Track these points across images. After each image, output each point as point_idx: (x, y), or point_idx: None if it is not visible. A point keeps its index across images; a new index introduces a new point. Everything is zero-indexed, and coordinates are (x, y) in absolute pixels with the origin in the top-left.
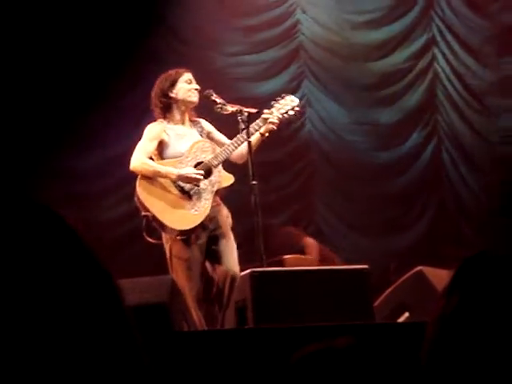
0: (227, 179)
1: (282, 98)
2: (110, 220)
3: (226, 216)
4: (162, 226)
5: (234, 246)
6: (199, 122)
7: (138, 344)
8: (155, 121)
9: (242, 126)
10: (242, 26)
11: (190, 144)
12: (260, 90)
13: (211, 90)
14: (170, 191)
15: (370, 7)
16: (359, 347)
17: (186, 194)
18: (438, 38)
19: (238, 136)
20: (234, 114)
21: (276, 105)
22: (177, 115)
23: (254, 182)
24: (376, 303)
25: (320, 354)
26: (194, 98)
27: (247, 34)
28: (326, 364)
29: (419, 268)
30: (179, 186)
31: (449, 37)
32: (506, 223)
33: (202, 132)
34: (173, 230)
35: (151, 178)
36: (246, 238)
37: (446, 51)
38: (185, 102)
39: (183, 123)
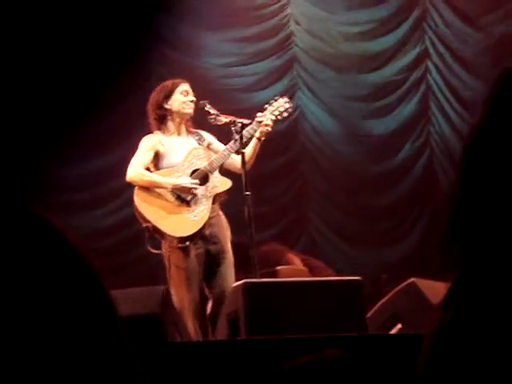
0: (224, 184)
1: (275, 100)
2: (103, 229)
3: (225, 228)
4: (162, 235)
5: (232, 262)
6: (198, 133)
7: (130, 354)
8: (150, 132)
9: (236, 136)
10: (236, 37)
11: (185, 153)
12: (253, 100)
13: (206, 101)
14: (167, 200)
15: (363, 19)
16: (349, 359)
17: (184, 202)
18: (431, 51)
19: (231, 143)
20: (227, 125)
21: (269, 107)
22: (172, 126)
23: (247, 193)
24: (368, 314)
25: (309, 366)
26: (189, 109)
27: (241, 45)
28: (315, 375)
29: (412, 279)
30: (176, 194)
31: (442, 49)
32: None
33: (200, 142)
34: (172, 237)
35: (148, 188)
36: (238, 249)
37: (439, 63)
38: (179, 114)
39: (179, 134)
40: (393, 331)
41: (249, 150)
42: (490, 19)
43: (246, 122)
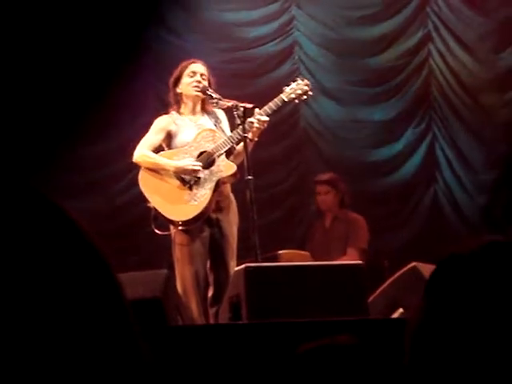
0: (229, 168)
1: (294, 81)
2: (111, 210)
3: (234, 214)
4: (164, 217)
5: (235, 250)
6: (215, 112)
7: (137, 337)
8: (167, 112)
9: (238, 121)
10: (236, 22)
11: (195, 133)
12: (254, 86)
13: (207, 86)
14: (169, 182)
15: (365, 3)
16: (360, 345)
17: (187, 185)
18: (434, 35)
19: (238, 129)
20: (229, 109)
21: (287, 90)
22: (186, 108)
23: (249, 177)
24: (370, 299)
25: (322, 351)
26: (195, 91)
27: (241, 29)
28: (327, 360)
29: (413, 264)
30: (180, 177)
31: (444, 33)
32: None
33: (216, 122)
34: (172, 220)
35: (152, 170)
36: (240, 234)
37: (442, 48)
38: (189, 97)
39: (194, 114)
40: (394, 315)
41: (237, 151)
42: (494, 3)
43: (249, 106)
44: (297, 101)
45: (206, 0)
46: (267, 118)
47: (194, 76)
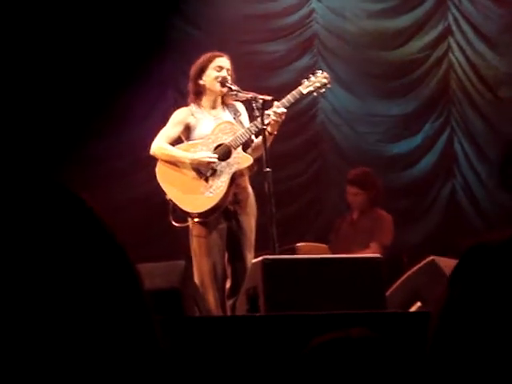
0: (245, 160)
1: (313, 73)
2: (129, 201)
3: (252, 206)
4: (181, 209)
5: (253, 241)
6: (234, 106)
7: (155, 327)
8: (186, 104)
9: (257, 113)
10: (256, 14)
11: (214, 125)
12: (273, 79)
13: (226, 77)
14: (186, 175)
15: None
16: (375, 338)
17: (203, 177)
18: (454, 28)
19: (256, 121)
20: (248, 101)
21: (305, 82)
22: (206, 101)
23: (267, 169)
24: (388, 292)
25: (335, 344)
26: (219, 87)
27: (261, 22)
28: (340, 353)
29: (432, 257)
30: (196, 169)
31: (465, 26)
32: None
33: (235, 115)
34: (188, 212)
35: (169, 163)
36: (258, 227)
37: (462, 41)
38: (212, 90)
39: (214, 108)
40: (412, 309)
41: (256, 144)
42: None
43: (268, 98)
44: (315, 94)
45: None
46: (284, 110)
47: (220, 71)
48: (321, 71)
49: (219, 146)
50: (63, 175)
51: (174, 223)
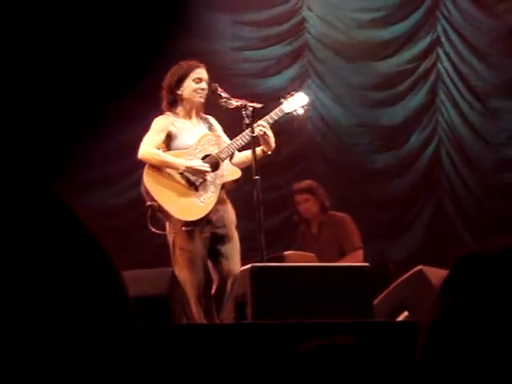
0: (234, 173)
1: (291, 95)
2: (113, 208)
3: (231, 214)
4: (168, 216)
5: (238, 247)
6: (208, 120)
7: (140, 334)
8: (162, 113)
9: (247, 120)
10: (247, 21)
11: (197, 137)
12: (262, 87)
13: (216, 84)
14: (176, 181)
15: (376, 6)
16: (358, 346)
17: (193, 186)
18: (443, 39)
19: (244, 133)
20: (238, 109)
21: (285, 103)
22: (182, 111)
23: (256, 177)
24: (376, 301)
25: (319, 351)
26: (199, 98)
27: (252, 29)
28: (325, 360)
29: (419, 267)
30: (186, 177)
31: (454, 37)
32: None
33: (210, 128)
34: (178, 220)
35: (158, 168)
36: (246, 235)
37: (451, 52)
38: (190, 101)
39: (190, 118)
40: (399, 318)
41: (244, 155)
42: (505, 7)
43: (257, 106)
44: (294, 113)
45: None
46: (265, 128)
47: (200, 83)
48: (300, 92)
49: (206, 156)
50: (53, 179)
51: (152, 229)
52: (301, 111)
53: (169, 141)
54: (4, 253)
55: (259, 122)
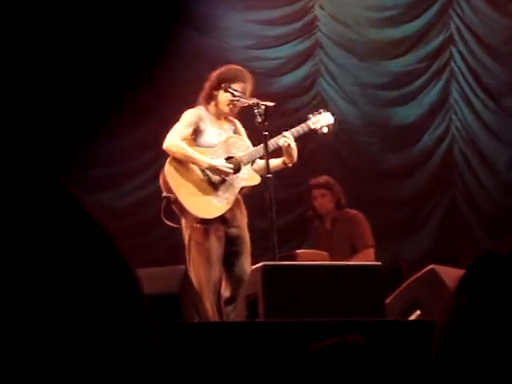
0: (253, 179)
1: (319, 113)
2: (122, 208)
3: (244, 214)
4: (182, 210)
5: (249, 247)
6: (234, 122)
7: (154, 333)
8: (192, 106)
9: (259, 119)
10: (259, 20)
11: (224, 137)
12: (274, 85)
13: (228, 83)
14: (197, 178)
15: (388, 4)
16: (371, 344)
17: (212, 185)
18: (456, 37)
19: (272, 140)
20: (250, 107)
21: (312, 119)
22: (214, 109)
23: (268, 176)
24: (388, 300)
25: (332, 349)
26: (228, 110)
27: (264, 28)
28: (337, 359)
29: (432, 266)
30: (207, 175)
31: (467, 36)
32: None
33: (234, 131)
34: (192, 215)
35: (181, 162)
36: (258, 234)
37: (464, 50)
38: (219, 108)
39: (218, 119)
40: (411, 317)
41: (264, 164)
42: None
43: (270, 104)
44: (319, 132)
45: None
46: (290, 142)
47: (234, 96)
48: (328, 112)
49: (229, 158)
50: (65, 177)
51: (166, 221)
52: (325, 130)
53: (196, 135)
54: (19, 251)
55: (284, 134)
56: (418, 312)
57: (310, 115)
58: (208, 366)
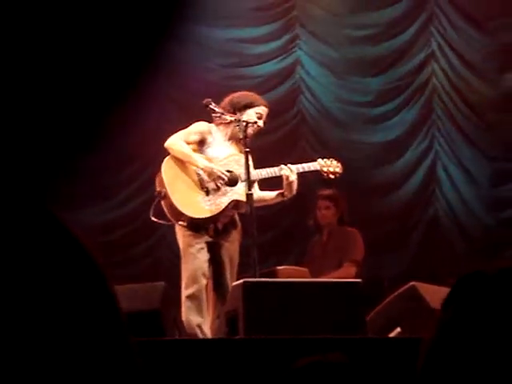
0: (244, 195)
1: (330, 159)
2: (107, 223)
3: (239, 235)
4: (170, 205)
5: (235, 268)
6: (246, 152)
7: (132, 349)
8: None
9: (240, 135)
10: (240, 38)
11: (227, 153)
12: None
13: (210, 99)
14: (192, 179)
15: (368, 22)
16: (350, 364)
17: (205, 188)
18: (438, 54)
19: (272, 168)
20: (232, 123)
21: (320, 161)
22: (224, 129)
23: (250, 192)
24: (368, 317)
25: (312, 368)
26: (251, 130)
27: (245, 46)
28: (317, 378)
29: (412, 283)
30: (201, 178)
31: (449, 53)
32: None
33: (239, 151)
34: (179, 212)
35: (179, 161)
36: (240, 250)
37: (446, 67)
38: (235, 128)
39: (229, 139)
40: (392, 334)
41: (263, 195)
42: (499, 23)
43: (251, 120)
44: (325, 176)
45: (213, 15)
46: (294, 177)
47: (260, 118)
48: (339, 163)
49: (229, 171)
50: (50, 192)
51: (153, 219)
52: (332, 176)
53: (201, 147)
54: None
55: (289, 166)
56: (399, 329)
57: (319, 159)
58: (188, 382)
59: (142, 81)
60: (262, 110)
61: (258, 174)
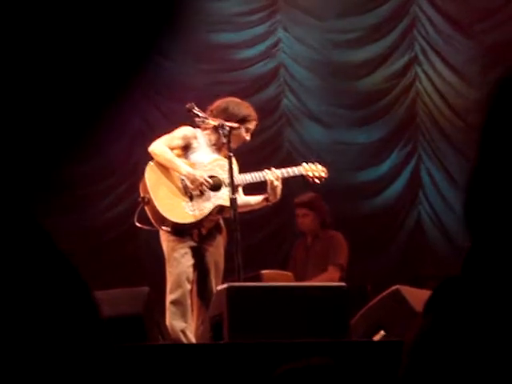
0: (228, 201)
1: (314, 163)
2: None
3: (224, 240)
4: (154, 211)
5: (222, 270)
6: (230, 157)
7: (113, 354)
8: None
9: (224, 140)
10: (222, 44)
11: (211, 158)
12: None
13: (193, 104)
14: (175, 184)
15: (352, 26)
16: (335, 367)
17: (188, 194)
18: (421, 58)
19: (257, 173)
20: (215, 128)
21: (305, 165)
22: (211, 136)
23: (233, 196)
24: (352, 321)
25: (297, 372)
26: (237, 143)
27: (227, 51)
28: (302, 382)
29: (396, 287)
30: (185, 184)
31: (432, 56)
32: None
33: (224, 157)
34: (162, 217)
35: (163, 166)
36: (224, 255)
37: (429, 70)
38: (231, 137)
39: (214, 145)
40: (376, 338)
41: (247, 200)
42: (482, 27)
43: (235, 125)
44: (309, 180)
45: (194, 21)
46: (277, 183)
47: (247, 135)
48: (323, 166)
49: (213, 177)
50: (33, 201)
51: (137, 224)
52: (318, 181)
53: (186, 152)
54: None
55: (273, 170)
56: (383, 332)
57: (304, 163)
58: None
59: (125, 88)
60: (253, 125)
61: (242, 178)
